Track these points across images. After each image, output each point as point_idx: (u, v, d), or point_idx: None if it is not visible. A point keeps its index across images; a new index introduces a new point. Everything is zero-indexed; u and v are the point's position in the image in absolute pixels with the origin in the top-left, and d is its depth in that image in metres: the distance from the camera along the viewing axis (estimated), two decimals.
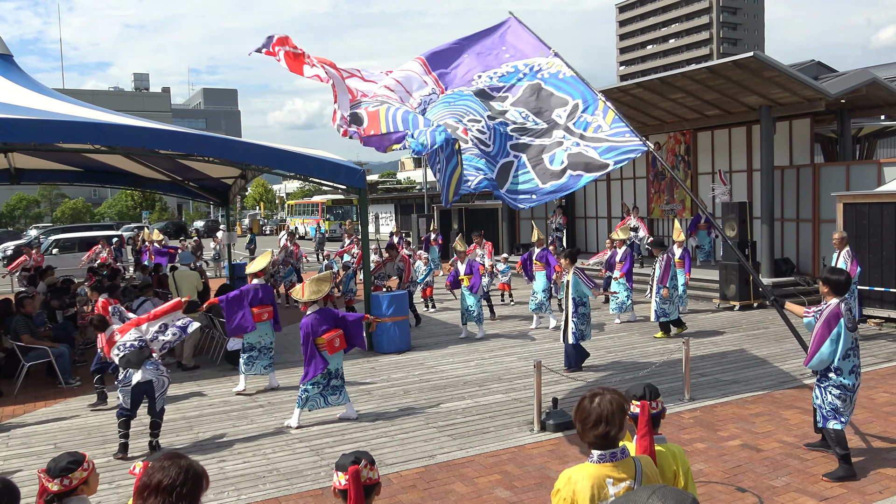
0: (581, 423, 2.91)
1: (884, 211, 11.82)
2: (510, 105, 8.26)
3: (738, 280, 13.80)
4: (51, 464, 3.36)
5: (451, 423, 7.65)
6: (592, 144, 7.57)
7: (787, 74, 13.47)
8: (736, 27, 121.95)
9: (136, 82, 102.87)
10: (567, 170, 7.54)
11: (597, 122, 7.74)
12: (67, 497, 3.34)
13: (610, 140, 7.53)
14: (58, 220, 66.51)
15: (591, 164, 7.46)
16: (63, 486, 3.32)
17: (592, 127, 7.71)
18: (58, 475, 3.32)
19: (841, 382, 5.81)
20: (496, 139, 7.88)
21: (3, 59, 12.67)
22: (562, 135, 7.83)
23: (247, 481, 6.27)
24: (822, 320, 5.82)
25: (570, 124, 7.86)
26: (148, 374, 7.06)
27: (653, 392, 3.60)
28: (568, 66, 8.32)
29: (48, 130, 9.38)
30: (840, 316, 5.76)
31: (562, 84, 8.21)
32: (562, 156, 7.65)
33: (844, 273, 5.97)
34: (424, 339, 12.18)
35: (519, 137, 7.95)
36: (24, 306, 10.23)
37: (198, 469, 2.59)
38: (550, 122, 8.00)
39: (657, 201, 19.98)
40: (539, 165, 7.69)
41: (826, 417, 5.93)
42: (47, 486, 3.31)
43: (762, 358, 10.03)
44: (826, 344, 5.76)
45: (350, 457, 3.06)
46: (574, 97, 8.02)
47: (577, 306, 9.56)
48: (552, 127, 7.96)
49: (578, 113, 7.91)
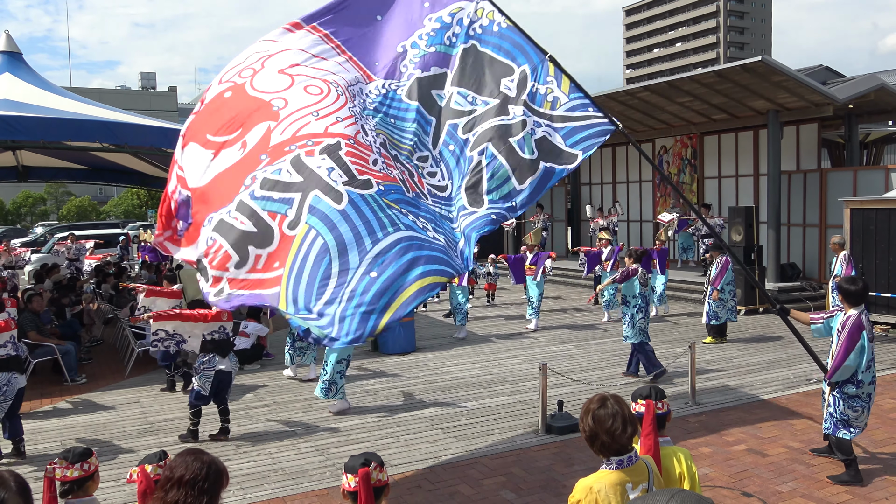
0: (606, 432, 2.81)
1: (891, 217, 11.78)
2: (453, 88, 6.53)
3: (743, 285, 13.77)
4: (65, 453, 3.40)
5: (456, 425, 7.65)
6: (554, 125, 6.21)
7: (795, 79, 13.45)
8: (743, 31, 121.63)
9: (143, 81, 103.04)
10: (539, 161, 6.10)
11: (552, 92, 6.30)
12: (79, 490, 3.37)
13: (571, 118, 6.20)
14: (64, 218, 66.67)
15: (560, 156, 6.13)
16: (83, 472, 3.37)
17: (548, 101, 6.28)
18: (77, 460, 3.36)
19: (859, 393, 5.80)
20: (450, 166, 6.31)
21: (13, 57, 12.73)
22: (521, 111, 6.25)
23: (252, 481, 6.28)
24: (846, 332, 5.77)
25: (524, 97, 6.30)
26: (232, 366, 7.37)
27: (658, 393, 3.60)
28: (499, 11, 6.60)
29: (57, 128, 9.44)
30: (863, 328, 5.73)
31: (502, 43, 6.49)
32: (530, 141, 6.15)
33: (859, 282, 5.89)
34: (429, 341, 12.18)
35: (475, 131, 6.29)
36: (31, 303, 10.26)
37: (219, 465, 2.61)
38: (500, 96, 6.36)
39: (663, 205, 19.95)
40: (510, 154, 6.10)
41: (836, 426, 5.91)
42: (66, 473, 3.35)
43: (768, 363, 10.00)
44: (851, 357, 5.72)
45: (359, 458, 3.07)
46: (519, 62, 6.40)
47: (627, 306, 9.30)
48: (504, 102, 6.32)
49: (529, 83, 6.35)
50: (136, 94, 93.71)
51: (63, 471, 3.36)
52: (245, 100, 6.10)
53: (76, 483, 3.39)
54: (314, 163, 5.48)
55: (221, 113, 6.14)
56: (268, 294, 5.15)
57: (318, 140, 5.62)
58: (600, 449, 2.88)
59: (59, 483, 3.37)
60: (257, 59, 6.41)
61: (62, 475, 3.36)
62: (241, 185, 5.57)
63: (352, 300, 4.98)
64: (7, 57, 12.62)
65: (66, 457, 3.39)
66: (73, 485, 3.39)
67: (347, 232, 5.18)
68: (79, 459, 3.39)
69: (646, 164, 20.23)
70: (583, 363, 10.24)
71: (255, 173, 5.58)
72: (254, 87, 6.16)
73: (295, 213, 5.32)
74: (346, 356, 8.08)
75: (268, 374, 10.10)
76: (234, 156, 5.84)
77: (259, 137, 5.80)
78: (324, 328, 4.92)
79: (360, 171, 5.51)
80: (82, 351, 11.29)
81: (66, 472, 3.36)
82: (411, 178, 6.05)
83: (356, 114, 6.01)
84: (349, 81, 6.35)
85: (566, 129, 6.17)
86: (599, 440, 2.85)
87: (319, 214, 5.26)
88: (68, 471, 3.36)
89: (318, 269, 5.09)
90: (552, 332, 12.57)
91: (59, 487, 3.38)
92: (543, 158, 6.10)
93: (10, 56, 12.68)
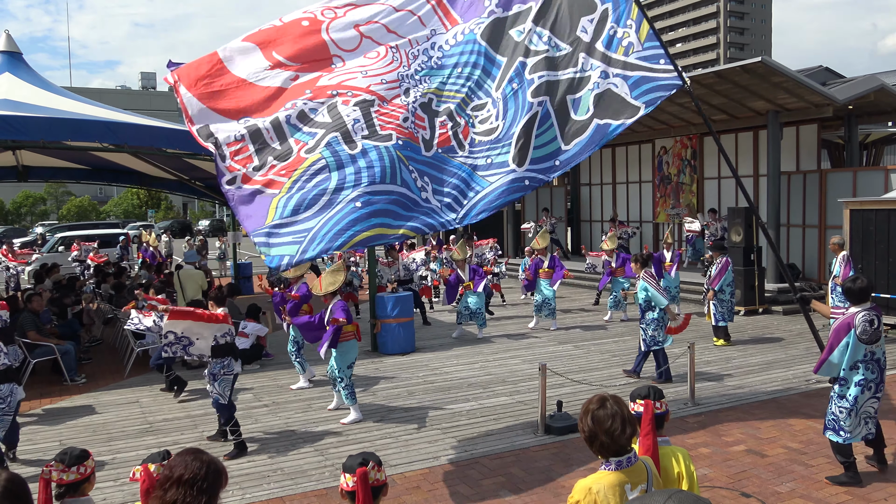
0: (606, 433, 2.82)
1: (891, 217, 11.78)
2: (532, 25, 6.71)
3: (743, 285, 13.77)
4: (62, 456, 3.39)
5: (456, 425, 7.65)
6: (623, 73, 6.29)
7: (794, 80, 13.45)
8: (743, 32, 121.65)
9: (144, 81, 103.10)
10: (593, 119, 6.30)
11: (628, 37, 6.29)
12: (75, 492, 3.37)
13: (642, 67, 6.22)
14: (63, 218, 66.68)
15: (620, 108, 6.26)
16: (79, 475, 3.37)
17: (623, 46, 6.30)
18: (74, 464, 3.36)
19: (843, 393, 5.75)
20: (509, 106, 6.60)
21: (13, 57, 12.73)
22: (589, 64, 6.43)
23: (251, 480, 6.28)
24: (833, 328, 5.77)
25: (598, 44, 6.42)
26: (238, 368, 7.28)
27: (657, 393, 3.60)
28: None
29: (57, 128, 9.43)
30: (851, 326, 5.64)
31: None
32: (588, 99, 6.37)
33: (860, 281, 5.81)
34: (429, 341, 12.18)
35: (542, 75, 6.55)
36: (31, 303, 10.27)
37: (219, 465, 2.61)
38: (574, 42, 6.50)
39: (663, 205, 19.95)
40: (563, 115, 6.43)
41: (826, 426, 5.91)
42: (62, 476, 3.34)
43: (767, 363, 10.00)
44: (835, 353, 5.70)
45: (357, 458, 3.07)
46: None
47: (644, 312, 9.14)
48: (576, 49, 6.49)
49: (608, 24, 6.40)
50: (137, 94, 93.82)
51: (59, 474, 3.35)
52: (315, 42, 6.69)
53: (72, 486, 3.38)
54: (345, 111, 6.27)
55: (292, 41, 6.69)
56: (268, 193, 5.98)
57: (357, 93, 6.39)
58: (599, 449, 2.88)
59: (54, 485, 3.37)
60: (344, 3, 6.94)
61: (58, 478, 3.36)
62: (281, 105, 6.34)
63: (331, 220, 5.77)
64: (7, 57, 12.62)
65: (62, 460, 3.38)
66: (69, 487, 3.38)
67: (350, 169, 6.01)
68: (75, 462, 3.38)
69: (646, 164, 20.26)
70: (582, 364, 10.24)
71: (296, 101, 6.35)
72: (329, 34, 6.73)
73: (314, 143, 6.15)
74: (353, 360, 7.98)
75: (267, 374, 10.11)
76: (285, 81, 6.52)
77: (310, 78, 6.56)
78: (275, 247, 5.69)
79: (384, 126, 6.28)
80: (81, 351, 11.30)
81: (62, 476, 3.35)
82: (453, 132, 6.59)
83: (404, 77, 6.62)
84: (418, 40, 6.87)
85: (635, 78, 6.30)
86: (599, 441, 2.85)
87: (332, 150, 6.10)
88: (65, 474, 3.36)
89: (314, 188, 5.93)
90: (552, 333, 12.57)
91: (54, 489, 3.37)
92: (598, 115, 6.31)
93: (10, 56, 12.68)
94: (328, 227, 5.72)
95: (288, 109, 6.30)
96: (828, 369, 5.80)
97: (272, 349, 11.26)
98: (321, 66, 6.62)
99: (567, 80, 6.51)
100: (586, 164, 22.16)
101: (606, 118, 6.30)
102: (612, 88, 6.33)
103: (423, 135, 6.47)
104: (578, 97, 6.43)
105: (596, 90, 6.37)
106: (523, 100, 6.55)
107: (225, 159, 6.15)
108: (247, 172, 6.10)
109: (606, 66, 6.39)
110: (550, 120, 6.43)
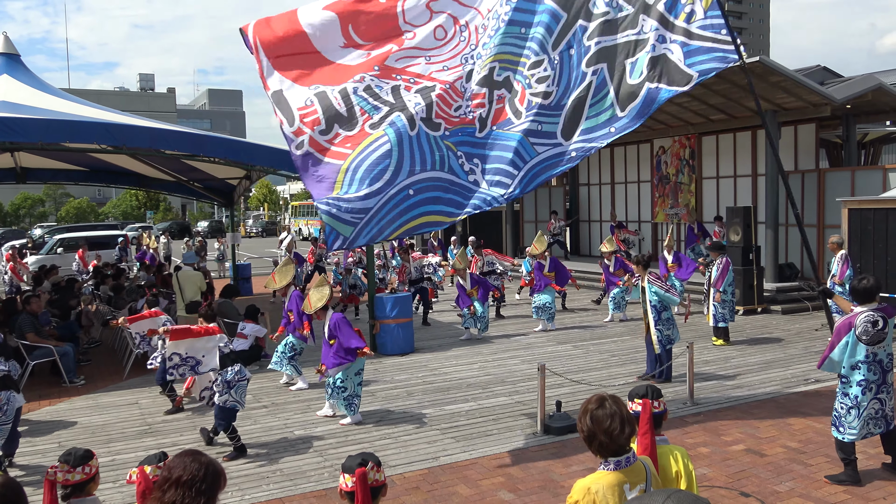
0: (604, 433, 2.82)
1: (889, 216, 11.80)
2: None
3: (742, 285, 13.77)
4: (66, 456, 3.39)
5: (455, 426, 7.65)
6: (682, 40, 6.15)
7: (792, 79, 13.47)
8: (741, 31, 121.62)
9: (142, 82, 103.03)
10: (645, 83, 6.21)
11: (692, 3, 6.17)
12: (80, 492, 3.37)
13: (701, 37, 6.09)
14: (62, 220, 66.63)
15: (673, 75, 6.12)
16: (85, 475, 3.37)
17: (685, 12, 6.17)
18: (79, 464, 3.36)
19: (845, 390, 5.78)
20: (564, 72, 6.59)
21: (11, 59, 12.73)
22: (648, 26, 6.29)
23: (251, 481, 6.28)
24: (836, 327, 5.78)
25: (660, 5, 6.28)
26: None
27: (655, 392, 3.61)
28: None
29: (55, 130, 9.42)
30: (852, 325, 5.64)
31: None
32: (643, 61, 6.24)
33: (865, 281, 5.76)
34: (428, 342, 12.18)
35: (599, 41, 6.49)
36: (29, 304, 10.26)
37: (217, 466, 2.61)
38: (639, 3, 6.41)
39: (661, 205, 19.96)
40: (621, 80, 6.36)
41: (832, 423, 5.93)
42: (67, 477, 3.34)
43: (766, 363, 10.01)
44: (836, 351, 5.72)
45: (356, 459, 3.07)
46: None
47: (660, 312, 9.04)
48: (639, 11, 6.37)
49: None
50: (135, 96, 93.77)
51: (65, 475, 3.36)
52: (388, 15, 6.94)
53: (77, 486, 3.38)
54: (407, 97, 6.66)
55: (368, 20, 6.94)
56: (332, 163, 6.35)
57: (418, 81, 6.75)
58: (598, 449, 2.88)
59: (60, 486, 3.37)
60: None
61: (64, 479, 3.36)
62: (351, 76, 6.69)
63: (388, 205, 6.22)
64: (5, 59, 12.62)
65: (67, 460, 3.38)
66: (75, 488, 3.38)
67: (407, 152, 6.41)
68: (80, 463, 3.38)
69: (644, 164, 20.27)
70: (581, 364, 10.25)
71: (364, 75, 6.70)
72: (404, 8, 6.96)
73: (379, 119, 6.52)
74: (361, 368, 7.94)
75: (266, 375, 10.11)
76: (357, 59, 6.86)
77: (380, 52, 6.85)
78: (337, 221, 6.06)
79: (438, 114, 6.64)
80: (80, 352, 11.29)
81: (67, 476, 3.36)
82: (510, 102, 6.77)
83: (466, 59, 6.88)
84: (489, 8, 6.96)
85: (692, 47, 6.16)
86: (597, 440, 2.85)
87: (395, 129, 6.45)
88: (70, 474, 3.36)
89: (376, 166, 6.28)
90: (551, 333, 12.57)
91: (60, 491, 3.37)
92: (650, 79, 6.23)
93: (8, 58, 12.68)
94: (383, 213, 6.16)
95: (356, 81, 6.65)
96: (829, 366, 5.83)
97: (270, 350, 11.23)
98: (393, 36, 6.93)
99: (626, 42, 6.44)
100: (585, 164, 22.17)
101: (658, 82, 6.21)
102: (667, 54, 6.21)
103: (481, 113, 6.76)
104: (635, 59, 6.34)
105: (652, 52, 6.26)
106: (578, 69, 6.63)
107: (293, 122, 6.45)
108: (313, 135, 6.39)
109: (665, 31, 6.27)
110: (607, 88, 6.46)
